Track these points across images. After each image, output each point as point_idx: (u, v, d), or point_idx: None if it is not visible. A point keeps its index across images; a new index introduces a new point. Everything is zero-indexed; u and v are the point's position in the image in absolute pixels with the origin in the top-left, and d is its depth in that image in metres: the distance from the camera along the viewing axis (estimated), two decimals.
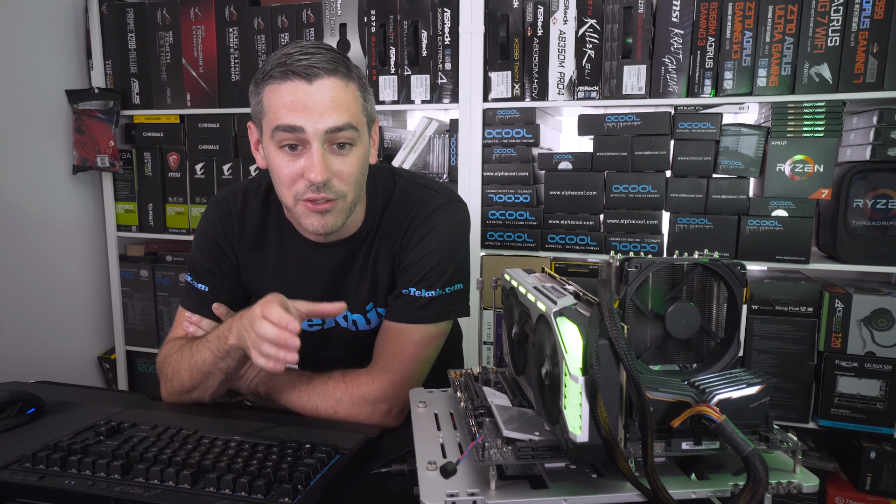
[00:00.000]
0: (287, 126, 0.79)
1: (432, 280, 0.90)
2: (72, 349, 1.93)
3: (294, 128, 0.79)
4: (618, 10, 1.43)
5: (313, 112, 0.78)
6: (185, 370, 0.88)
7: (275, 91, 0.79)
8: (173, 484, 0.65)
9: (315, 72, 0.78)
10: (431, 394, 0.76)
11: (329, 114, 0.79)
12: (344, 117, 0.80)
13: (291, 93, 0.78)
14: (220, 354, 0.84)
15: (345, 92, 0.81)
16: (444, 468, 0.52)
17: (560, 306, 0.52)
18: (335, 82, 0.79)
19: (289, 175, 0.82)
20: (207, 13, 1.75)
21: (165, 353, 0.94)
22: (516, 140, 1.55)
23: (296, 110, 0.78)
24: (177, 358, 0.91)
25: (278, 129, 0.79)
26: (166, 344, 0.97)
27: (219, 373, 0.86)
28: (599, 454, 0.49)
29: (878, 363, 1.35)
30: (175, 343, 0.95)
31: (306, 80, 0.78)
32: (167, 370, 0.92)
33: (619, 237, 1.50)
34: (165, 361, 0.93)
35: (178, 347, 0.93)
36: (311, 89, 0.78)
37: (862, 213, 1.37)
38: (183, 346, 0.92)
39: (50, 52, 1.81)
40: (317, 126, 0.79)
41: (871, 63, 1.30)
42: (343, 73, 0.81)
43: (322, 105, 0.78)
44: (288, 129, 0.79)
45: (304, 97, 0.78)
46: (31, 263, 1.78)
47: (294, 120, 0.78)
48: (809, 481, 0.52)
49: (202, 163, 1.81)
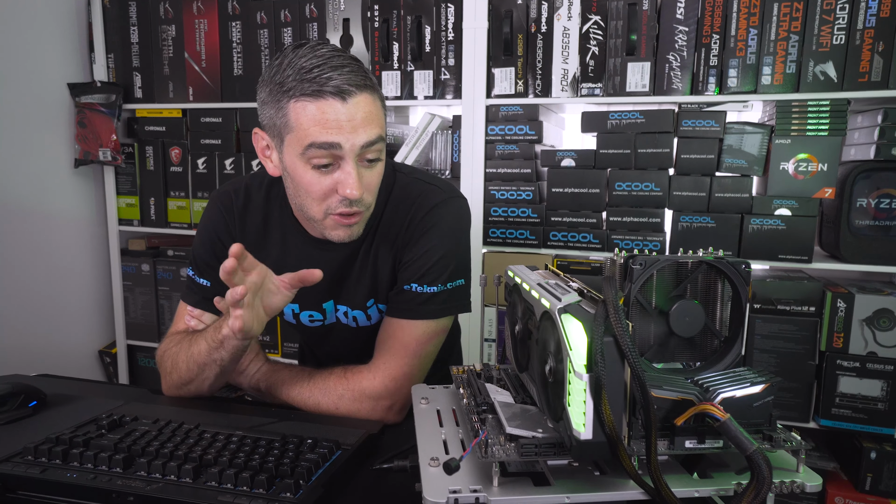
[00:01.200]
0: (323, 143, 0.78)
1: (434, 276, 0.90)
2: (73, 343, 1.94)
3: (331, 144, 0.78)
4: (622, 7, 1.43)
5: (347, 129, 0.78)
6: (183, 362, 0.89)
7: (304, 108, 0.78)
8: (175, 478, 0.65)
9: (348, 90, 0.77)
10: (433, 390, 0.76)
11: (363, 129, 0.79)
12: (376, 130, 0.81)
13: (325, 111, 0.77)
14: (214, 345, 0.84)
15: (374, 106, 0.81)
16: (447, 464, 0.52)
17: (565, 303, 0.52)
18: (366, 98, 0.80)
19: (321, 191, 0.82)
20: (210, 7, 1.74)
21: (165, 346, 0.95)
22: (519, 137, 1.55)
23: (331, 128, 0.78)
24: (175, 350, 0.91)
25: (312, 146, 0.78)
26: (167, 338, 0.97)
27: (213, 364, 0.86)
28: (603, 451, 0.49)
29: (880, 363, 1.35)
30: (175, 337, 0.95)
31: (340, 99, 0.77)
32: (166, 363, 0.92)
33: (621, 235, 1.50)
34: (165, 355, 0.93)
35: (177, 341, 0.93)
36: (346, 107, 0.78)
37: (865, 213, 1.36)
38: (182, 339, 0.92)
39: (52, 45, 1.80)
40: (353, 142, 0.79)
41: (876, 62, 1.29)
42: (371, 86, 0.81)
43: (356, 121, 0.78)
44: (324, 146, 0.78)
45: (340, 115, 0.78)
46: (32, 257, 1.78)
47: (330, 137, 0.78)
48: (813, 481, 0.52)
49: (204, 157, 1.81)
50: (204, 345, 0.85)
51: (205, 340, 0.85)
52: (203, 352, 0.85)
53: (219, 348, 0.84)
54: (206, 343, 0.85)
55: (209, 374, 0.88)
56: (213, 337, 0.84)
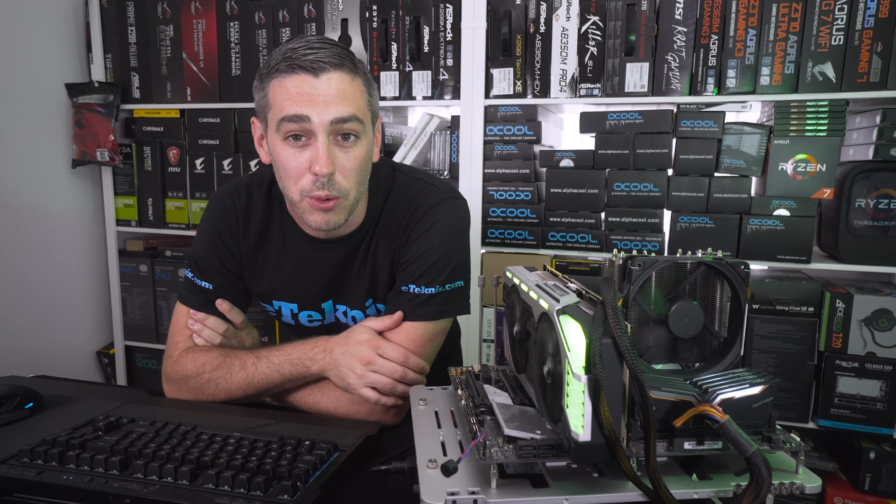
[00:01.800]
0: (293, 116, 0.79)
1: (432, 277, 0.90)
2: (71, 344, 1.93)
3: (300, 117, 0.79)
4: (621, 7, 1.43)
5: (319, 103, 0.79)
6: (240, 387, 0.88)
7: (280, 84, 0.80)
8: (172, 480, 0.65)
9: (321, 66, 0.78)
10: (432, 391, 0.76)
11: (335, 105, 0.79)
12: (350, 108, 0.80)
13: (297, 85, 0.79)
14: (294, 377, 0.87)
15: (350, 85, 0.81)
16: (444, 466, 0.52)
17: (563, 304, 0.52)
18: (341, 76, 0.80)
19: (295, 168, 0.82)
20: (208, 7, 1.74)
21: (195, 367, 0.90)
22: (518, 137, 1.55)
23: (301, 101, 0.78)
24: (223, 375, 0.89)
25: (284, 119, 0.80)
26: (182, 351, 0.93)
27: (280, 389, 0.89)
28: (601, 453, 0.49)
29: (879, 363, 1.35)
30: (206, 357, 0.91)
31: (312, 74, 0.78)
32: (206, 386, 0.89)
33: (620, 235, 1.50)
34: (201, 377, 0.89)
35: (216, 363, 0.89)
36: (318, 82, 0.79)
37: (864, 213, 1.36)
38: (225, 363, 0.89)
39: (50, 45, 1.80)
40: (322, 117, 0.79)
41: (874, 62, 1.29)
42: (349, 67, 0.81)
43: (328, 96, 0.79)
44: (294, 118, 0.79)
45: (310, 89, 0.78)
46: (30, 258, 1.78)
47: (300, 110, 0.78)
48: (812, 482, 0.52)
49: (202, 158, 1.81)
50: (276, 375, 0.87)
51: (277, 372, 0.87)
52: (274, 381, 0.88)
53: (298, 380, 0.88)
54: (280, 374, 0.87)
55: (267, 394, 0.91)
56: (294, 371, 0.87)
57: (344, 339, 0.87)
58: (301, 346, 0.88)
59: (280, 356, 0.88)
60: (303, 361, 0.86)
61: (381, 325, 0.88)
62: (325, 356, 0.86)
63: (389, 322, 0.88)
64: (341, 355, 0.85)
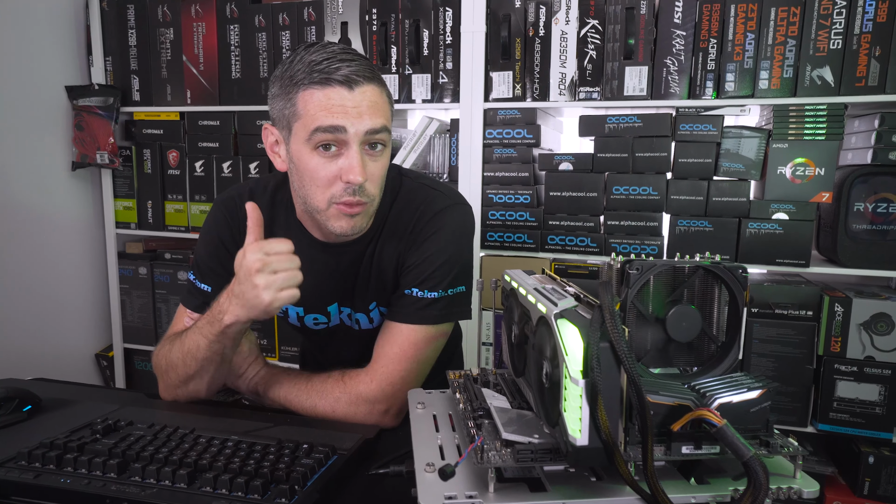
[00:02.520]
0: (329, 127, 0.80)
1: (435, 281, 0.90)
2: (69, 346, 1.93)
3: (336, 128, 0.80)
4: (620, 11, 1.43)
5: (353, 115, 0.80)
6: (179, 360, 0.88)
7: (312, 96, 0.80)
8: (170, 483, 0.64)
9: (356, 80, 0.80)
10: (430, 395, 0.76)
11: (368, 116, 0.81)
12: (381, 120, 0.83)
13: (332, 98, 0.80)
14: (214, 337, 0.84)
15: (381, 98, 0.84)
16: (442, 470, 0.52)
17: (561, 308, 0.52)
18: (373, 89, 0.82)
19: (326, 177, 0.83)
20: (208, 10, 1.74)
21: (159, 349, 0.94)
22: (517, 140, 1.55)
23: (337, 113, 0.80)
24: (169, 349, 0.91)
25: (319, 130, 0.80)
26: (161, 342, 0.97)
27: (215, 357, 0.86)
28: (599, 458, 0.49)
29: (878, 368, 1.35)
30: (168, 337, 0.95)
31: (347, 87, 0.80)
32: (162, 364, 0.92)
33: (619, 239, 1.50)
34: (159, 356, 0.93)
35: (171, 340, 0.92)
36: (352, 95, 0.80)
37: (863, 217, 1.36)
38: (174, 339, 0.92)
39: (50, 47, 1.80)
40: (358, 127, 0.80)
41: (873, 66, 1.30)
42: (379, 80, 0.84)
43: (362, 108, 0.81)
44: (330, 129, 0.80)
45: (346, 101, 0.80)
46: (29, 260, 1.78)
47: (336, 121, 0.80)
48: (810, 486, 0.52)
49: (202, 160, 1.81)
50: (202, 339, 0.85)
51: (202, 335, 0.85)
52: (202, 346, 0.85)
53: (220, 338, 0.84)
54: (205, 337, 0.85)
55: (209, 368, 0.88)
56: (212, 329, 0.84)
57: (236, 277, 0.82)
58: (214, 305, 0.86)
59: (202, 319, 0.87)
60: (214, 316, 0.84)
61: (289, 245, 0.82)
62: (228, 300, 0.82)
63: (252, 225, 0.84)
64: (239, 286, 0.80)
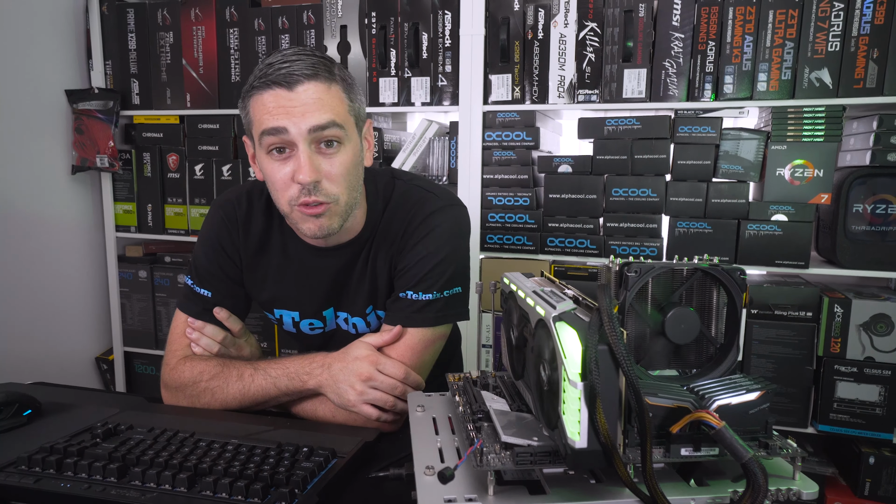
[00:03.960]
0: (271, 129, 0.80)
1: (430, 283, 0.90)
2: (70, 350, 1.93)
3: (278, 129, 0.80)
4: (618, 14, 1.43)
5: (295, 113, 0.80)
6: (235, 398, 0.88)
7: (258, 100, 0.81)
8: (170, 487, 0.64)
9: (295, 78, 0.79)
10: (430, 398, 0.76)
11: (311, 113, 0.80)
12: (327, 115, 0.81)
13: (273, 99, 0.80)
14: (290, 392, 0.87)
15: (327, 93, 0.81)
16: (441, 473, 0.52)
17: (559, 311, 0.52)
18: (316, 85, 0.81)
19: (281, 180, 0.83)
20: (208, 14, 1.74)
21: (192, 375, 0.90)
22: (516, 143, 1.55)
23: (278, 114, 0.80)
24: (219, 385, 0.89)
25: (264, 133, 0.81)
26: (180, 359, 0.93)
27: (275, 402, 0.89)
28: (598, 460, 0.49)
29: (878, 368, 1.35)
30: (204, 366, 0.91)
31: (286, 87, 0.80)
32: (202, 394, 0.89)
33: (618, 241, 1.50)
34: (198, 386, 0.89)
35: (213, 372, 0.89)
36: (292, 94, 0.80)
37: (861, 218, 1.36)
38: (222, 373, 0.89)
39: (50, 51, 1.81)
40: (300, 126, 0.80)
41: (871, 68, 1.30)
42: (324, 76, 0.81)
43: (304, 106, 0.80)
44: (272, 131, 0.80)
45: (286, 101, 0.80)
46: (29, 263, 1.78)
47: (276, 122, 0.80)
48: (809, 488, 0.52)
49: (202, 164, 1.81)
50: (272, 388, 0.87)
51: (274, 385, 0.87)
52: (270, 394, 0.87)
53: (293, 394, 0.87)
54: (277, 388, 0.87)
55: (263, 406, 0.90)
56: (290, 385, 0.86)
57: (342, 356, 0.86)
58: (299, 360, 0.88)
59: (277, 369, 0.87)
60: (300, 376, 0.86)
61: (381, 341, 0.88)
62: (322, 371, 0.85)
63: (388, 337, 0.88)
64: (339, 371, 0.84)
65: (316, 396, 0.88)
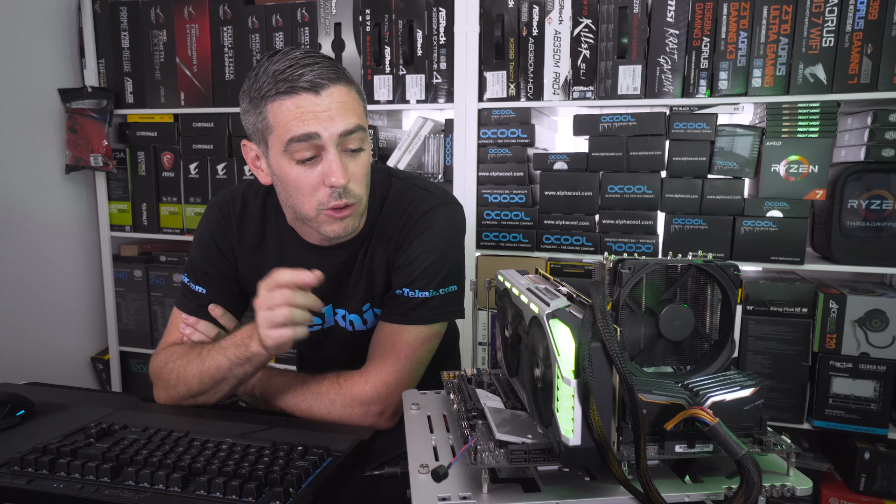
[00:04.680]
0: (302, 135, 0.79)
1: (426, 281, 0.90)
2: (65, 349, 1.92)
3: (310, 135, 0.79)
4: (613, 10, 1.43)
5: (323, 118, 0.79)
6: (194, 376, 0.88)
7: (281, 106, 0.79)
8: (163, 487, 0.64)
9: (321, 83, 0.79)
10: (425, 396, 0.76)
11: (341, 118, 0.80)
12: (354, 119, 0.82)
13: (300, 105, 0.79)
14: (239, 360, 0.85)
15: (350, 97, 0.82)
16: (435, 472, 0.52)
17: (553, 308, 0.52)
18: (340, 89, 0.81)
19: (309, 185, 0.82)
20: (201, 12, 1.74)
21: (165, 358, 0.93)
22: (511, 140, 1.55)
23: (307, 120, 0.79)
24: (182, 364, 0.89)
25: (293, 140, 0.79)
26: (163, 348, 0.96)
27: (233, 378, 0.87)
28: (592, 457, 0.49)
29: (873, 364, 1.35)
30: (175, 348, 0.93)
31: (314, 93, 0.79)
32: (170, 376, 0.90)
33: (614, 238, 1.50)
34: (167, 367, 0.91)
35: (181, 353, 0.91)
36: (320, 99, 0.79)
37: (856, 214, 1.37)
38: (188, 352, 0.90)
39: (43, 50, 1.80)
40: (331, 130, 0.79)
41: (865, 64, 1.30)
42: (344, 79, 0.82)
43: (332, 110, 0.79)
44: (303, 137, 0.79)
45: (314, 106, 0.79)
46: (23, 263, 1.77)
47: (308, 128, 0.79)
48: (803, 484, 0.52)
49: (196, 162, 1.80)
50: (224, 360, 0.85)
51: (224, 356, 0.85)
52: (223, 367, 0.85)
53: (244, 364, 0.85)
54: (227, 359, 0.85)
55: (225, 387, 0.88)
56: (238, 353, 0.84)
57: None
58: (243, 329, 0.87)
59: (227, 341, 0.87)
60: (243, 340, 0.84)
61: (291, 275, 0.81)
62: (252, 328, 0.83)
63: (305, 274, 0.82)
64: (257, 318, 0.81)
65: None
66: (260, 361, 0.85)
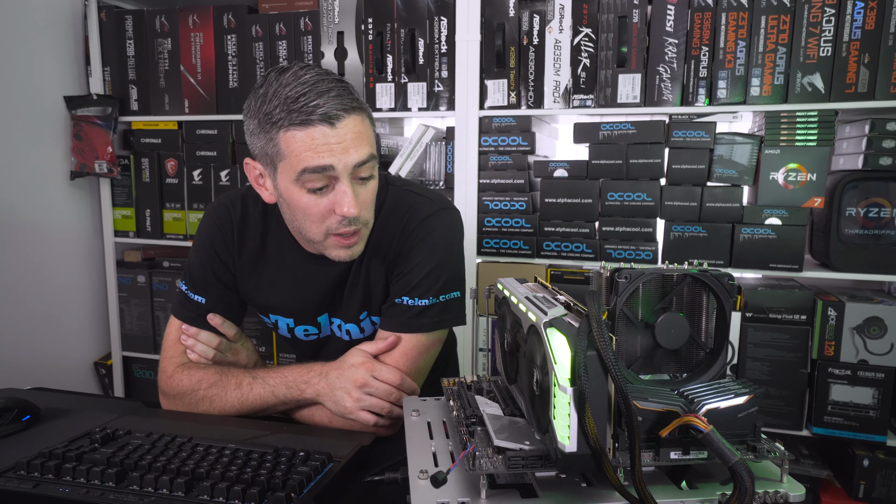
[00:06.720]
0: (316, 167, 0.79)
1: (425, 288, 0.90)
2: (68, 355, 1.93)
3: (324, 168, 0.79)
4: (613, 20, 1.45)
5: (337, 150, 0.79)
6: (233, 406, 0.89)
7: (294, 137, 0.78)
8: (167, 492, 0.65)
9: (336, 115, 0.78)
10: (425, 402, 0.76)
11: (354, 149, 0.80)
12: (367, 149, 0.82)
13: (314, 137, 0.78)
14: (287, 401, 0.87)
15: (363, 126, 0.82)
16: (434, 477, 0.53)
17: (550, 317, 0.53)
18: (354, 119, 0.80)
19: (319, 213, 0.83)
20: (206, 20, 1.76)
21: (190, 384, 0.91)
22: (512, 148, 1.56)
23: (322, 152, 0.79)
24: (218, 393, 0.89)
25: (306, 171, 0.79)
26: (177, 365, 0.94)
27: (274, 410, 0.89)
28: (588, 464, 0.49)
29: (871, 371, 1.35)
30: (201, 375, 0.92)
31: (329, 125, 0.78)
32: (200, 403, 0.90)
33: (614, 245, 1.51)
34: (195, 394, 0.90)
35: (211, 380, 0.90)
36: (335, 131, 0.79)
37: (854, 222, 1.38)
38: (220, 380, 0.90)
39: (48, 58, 1.82)
40: (345, 162, 0.80)
41: (862, 73, 1.31)
42: (357, 107, 0.81)
43: (347, 142, 0.79)
44: (317, 169, 0.79)
45: (329, 138, 0.79)
46: (28, 269, 1.78)
47: (322, 161, 0.79)
48: (796, 490, 0.53)
49: (200, 169, 1.82)
50: (270, 397, 0.87)
51: (272, 394, 0.87)
52: (268, 402, 0.88)
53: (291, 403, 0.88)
54: (275, 397, 0.87)
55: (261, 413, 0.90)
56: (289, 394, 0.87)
57: (339, 364, 0.87)
58: (297, 369, 0.88)
59: (276, 378, 0.88)
60: (297, 385, 0.87)
61: (376, 349, 0.89)
62: (319, 380, 0.86)
63: (384, 345, 0.89)
64: (336, 379, 0.85)
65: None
66: (308, 402, 0.88)
